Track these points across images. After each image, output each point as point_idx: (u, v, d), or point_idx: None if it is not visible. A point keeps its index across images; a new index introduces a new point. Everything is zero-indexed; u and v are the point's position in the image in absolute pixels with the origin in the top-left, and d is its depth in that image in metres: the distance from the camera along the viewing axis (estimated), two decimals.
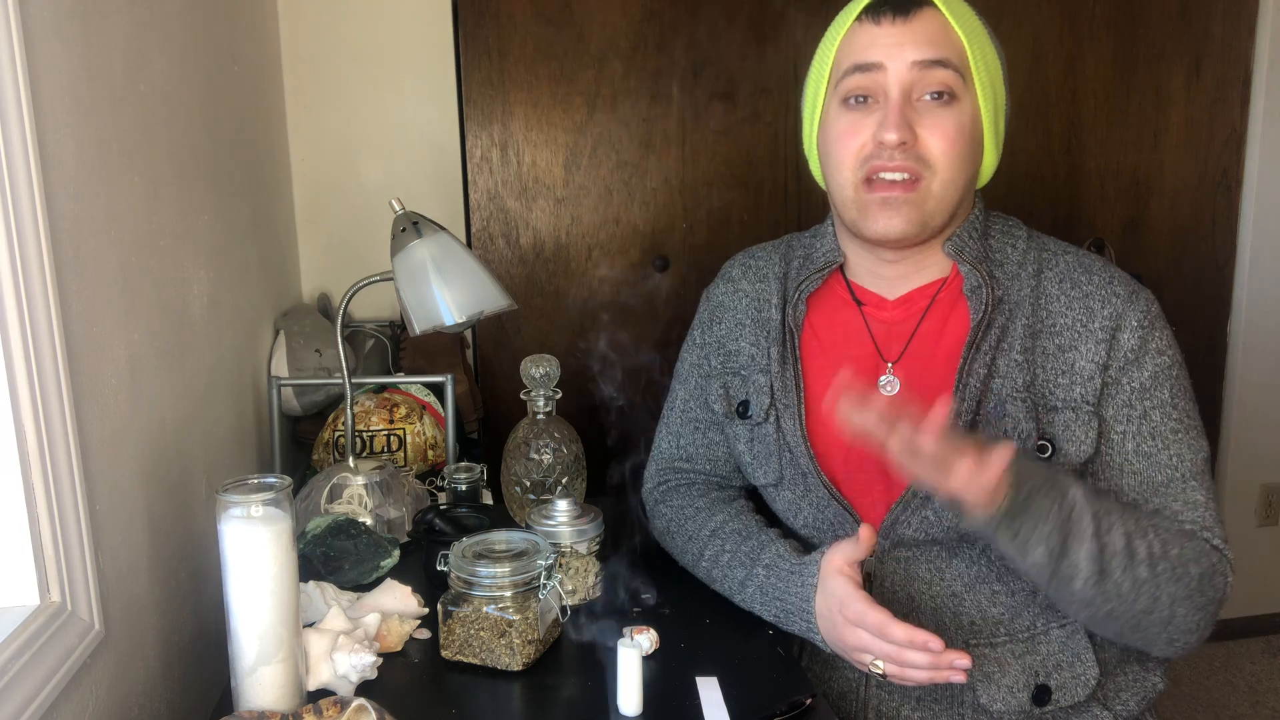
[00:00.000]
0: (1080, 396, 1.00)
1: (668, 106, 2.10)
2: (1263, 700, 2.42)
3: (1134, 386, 1.00)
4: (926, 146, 0.98)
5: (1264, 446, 2.60)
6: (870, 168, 0.99)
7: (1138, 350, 1.00)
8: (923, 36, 0.99)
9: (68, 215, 0.89)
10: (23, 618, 0.81)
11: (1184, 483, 0.99)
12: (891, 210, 0.99)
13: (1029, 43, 2.25)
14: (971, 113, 1.01)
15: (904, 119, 0.98)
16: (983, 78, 1.01)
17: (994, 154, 1.07)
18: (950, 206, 1.01)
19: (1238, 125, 2.39)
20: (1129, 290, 1.02)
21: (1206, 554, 0.96)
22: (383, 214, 1.38)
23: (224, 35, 1.56)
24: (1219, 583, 0.97)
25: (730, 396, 1.17)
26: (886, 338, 1.08)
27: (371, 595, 1.10)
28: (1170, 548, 0.94)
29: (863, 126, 1.00)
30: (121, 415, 1.00)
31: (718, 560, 1.12)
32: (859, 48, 1.01)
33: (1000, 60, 1.04)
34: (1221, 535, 0.99)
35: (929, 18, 0.99)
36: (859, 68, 1.00)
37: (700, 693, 0.94)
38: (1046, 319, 1.02)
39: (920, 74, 0.98)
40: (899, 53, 0.99)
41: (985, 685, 1.02)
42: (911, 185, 0.99)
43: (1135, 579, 0.92)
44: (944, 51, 0.99)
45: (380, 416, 1.65)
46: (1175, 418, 1.00)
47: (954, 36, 0.99)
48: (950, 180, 0.99)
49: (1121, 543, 0.91)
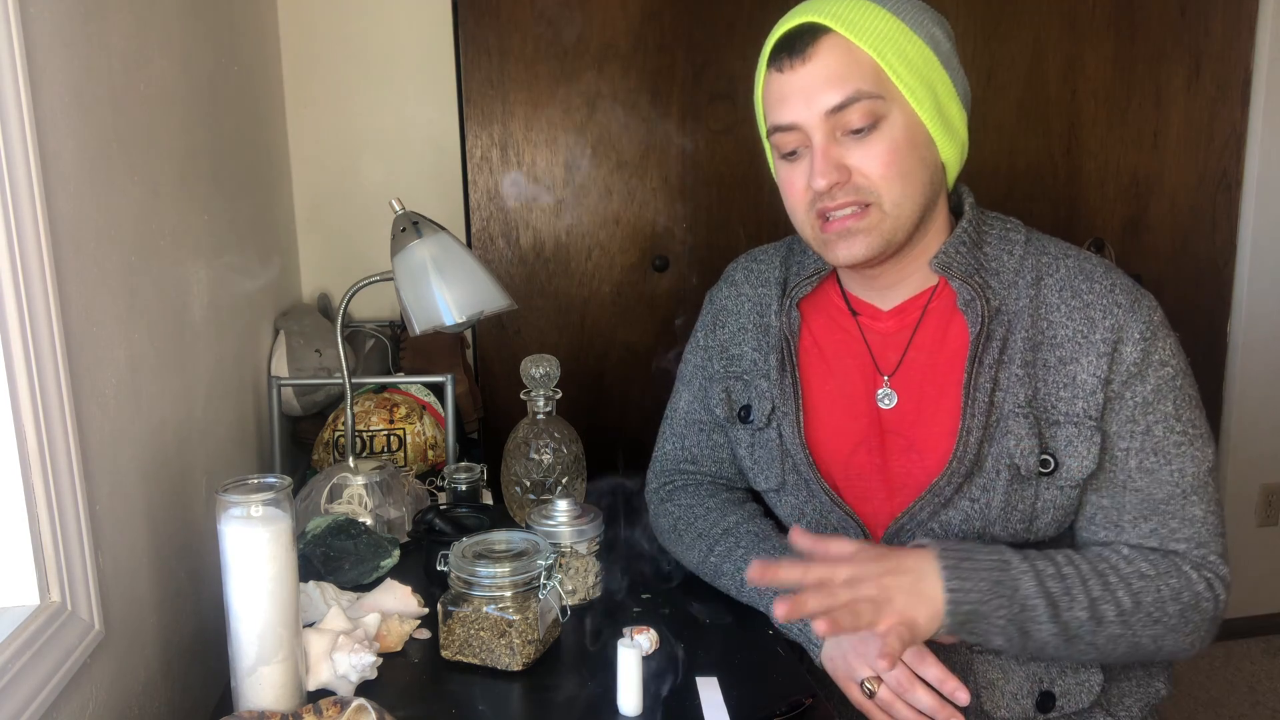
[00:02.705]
0: (1083, 411, 0.99)
1: (668, 106, 2.10)
2: (1263, 700, 2.42)
3: (1137, 401, 0.98)
4: (863, 175, 0.97)
5: (1264, 446, 2.60)
6: (818, 209, 0.99)
7: (1140, 363, 0.98)
8: (825, 76, 0.95)
9: (68, 215, 0.89)
10: (23, 618, 0.81)
11: (1184, 498, 0.99)
12: (849, 239, 0.99)
13: (1029, 43, 2.25)
14: (903, 124, 0.97)
15: (829, 164, 0.96)
16: (907, 80, 0.96)
17: (952, 144, 1.02)
18: (910, 218, 0.99)
19: (1238, 125, 2.39)
20: (1131, 299, 1.00)
21: (1190, 585, 0.96)
22: (383, 214, 1.37)
23: (224, 35, 1.56)
24: (1206, 607, 0.97)
25: (732, 401, 1.17)
26: (882, 349, 1.08)
27: (371, 595, 1.10)
28: (1144, 596, 0.95)
29: (799, 174, 1.00)
30: (121, 415, 1.00)
31: (730, 555, 1.12)
32: (774, 102, 1.00)
33: (930, 44, 0.98)
34: (1219, 549, 0.99)
35: (828, 50, 0.95)
36: (779, 128, 0.99)
37: (700, 693, 0.94)
38: (1047, 329, 1.01)
39: (835, 118, 0.96)
40: (807, 105, 0.96)
41: (989, 692, 1.02)
42: (861, 214, 0.98)
43: (1109, 636, 0.95)
44: (852, 85, 0.95)
45: (380, 416, 1.65)
46: (1179, 430, 0.99)
47: (861, 58, 0.95)
48: (900, 197, 0.98)
49: (1085, 614, 0.94)
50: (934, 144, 1.00)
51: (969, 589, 0.92)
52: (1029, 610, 0.92)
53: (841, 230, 0.99)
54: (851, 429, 1.07)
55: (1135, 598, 0.95)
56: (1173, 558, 0.98)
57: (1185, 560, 0.98)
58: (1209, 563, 0.98)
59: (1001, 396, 1.00)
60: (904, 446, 1.04)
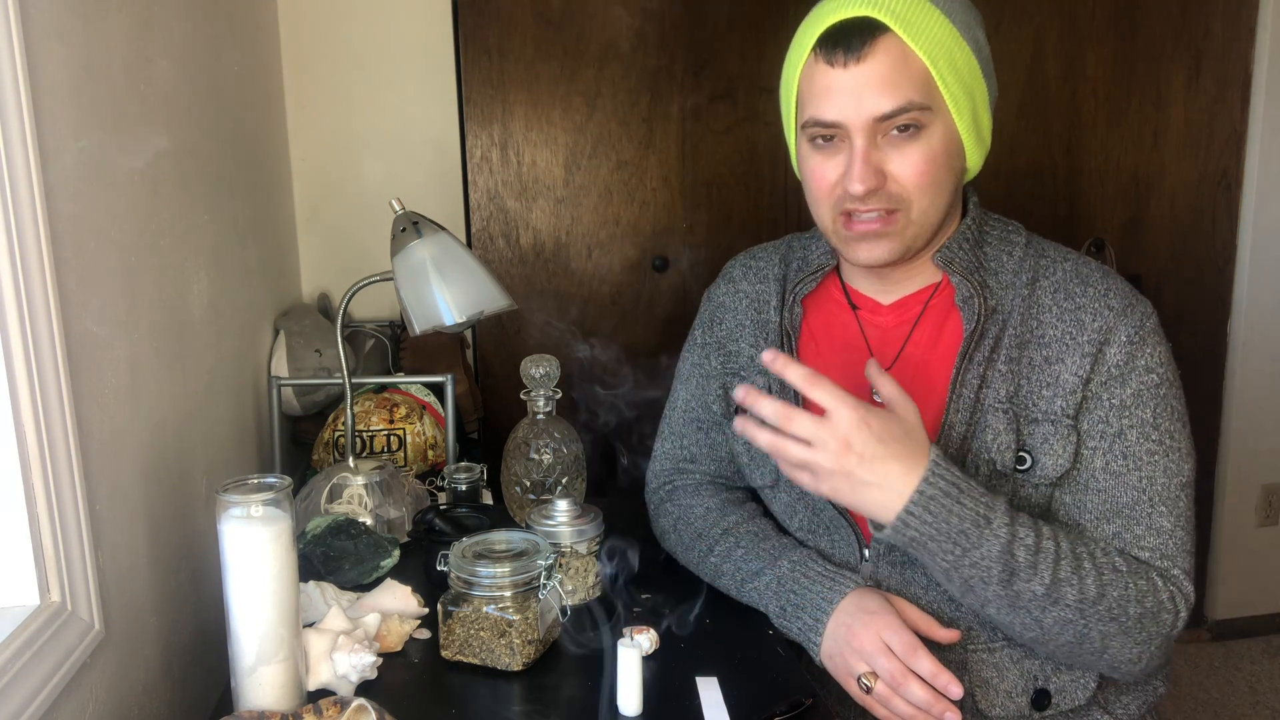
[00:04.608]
0: (1061, 409, 0.98)
1: (668, 106, 2.10)
2: (1263, 700, 2.42)
3: (1114, 403, 0.97)
4: (898, 183, 0.96)
5: (1264, 446, 2.60)
6: (845, 209, 0.99)
7: (1123, 366, 0.97)
8: (880, 81, 0.93)
9: (68, 215, 0.89)
10: (23, 618, 0.81)
11: (1150, 506, 0.97)
12: (872, 242, 0.99)
13: (1029, 43, 2.25)
14: (943, 133, 0.96)
15: (869, 170, 0.95)
16: (954, 91, 0.95)
17: (978, 150, 1.02)
18: (932, 226, 1.00)
19: (1238, 125, 2.39)
20: (1124, 303, 0.99)
21: (1155, 592, 0.95)
22: (383, 214, 1.37)
23: (224, 35, 1.56)
24: (1165, 619, 0.95)
25: (729, 397, 1.17)
26: (881, 343, 1.08)
27: (371, 595, 1.10)
28: (1110, 590, 0.93)
29: (831, 167, 0.98)
30: (121, 415, 1.00)
31: (730, 555, 1.12)
32: (816, 94, 0.96)
33: (974, 50, 0.97)
34: (1184, 565, 0.97)
35: (885, 51, 0.93)
36: (819, 123, 0.97)
37: (700, 693, 0.94)
38: (1036, 329, 1.00)
39: (881, 124, 0.95)
40: (856, 108, 0.93)
41: (984, 690, 1.02)
42: (889, 219, 0.97)
43: (1059, 619, 0.92)
44: (904, 94, 0.93)
45: (380, 416, 1.65)
46: (1154, 439, 0.97)
47: (915, 65, 0.93)
48: (928, 205, 0.98)
49: (1041, 590, 0.91)
50: (964, 153, 1.00)
51: (926, 522, 0.89)
52: (979, 568, 0.90)
53: (866, 233, 0.98)
54: None
55: (1101, 589, 0.92)
56: (1142, 565, 0.97)
57: (1151, 569, 0.97)
58: (1173, 576, 0.97)
59: (986, 392, 1.00)
60: None
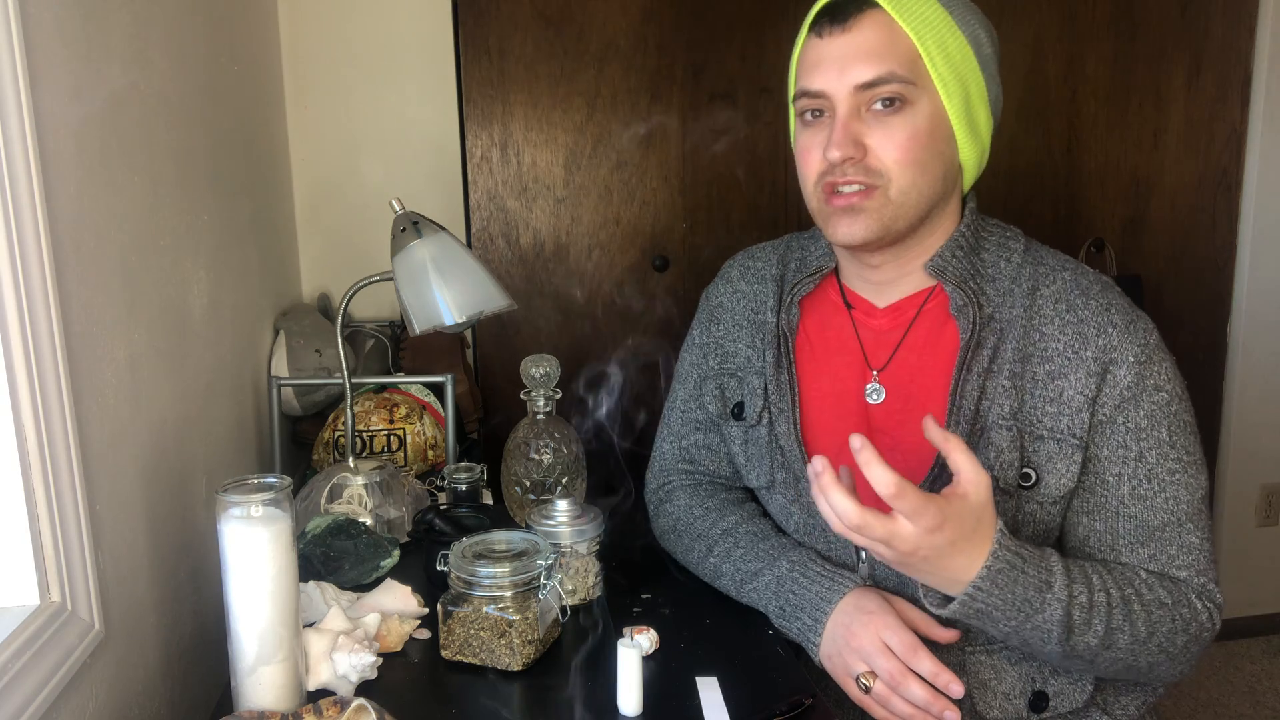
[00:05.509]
0: (1066, 428, 0.98)
1: (668, 106, 2.10)
2: (1263, 700, 2.42)
3: (1130, 426, 0.97)
4: (877, 157, 0.97)
5: (1264, 446, 2.60)
6: (827, 182, 0.99)
7: (1134, 387, 0.97)
8: (863, 49, 0.95)
9: (68, 215, 0.89)
10: (23, 618, 0.81)
11: (1179, 526, 0.98)
12: (850, 217, 0.99)
13: (1029, 43, 2.25)
14: (929, 113, 0.97)
15: (848, 136, 0.96)
16: (942, 72, 0.96)
17: (973, 146, 1.02)
18: (914, 209, 0.99)
19: (1238, 125, 2.39)
20: (1126, 320, 0.98)
21: (1196, 615, 0.96)
22: (383, 214, 1.37)
23: (224, 35, 1.56)
24: (1205, 637, 0.98)
25: (725, 398, 1.17)
26: (874, 345, 1.08)
27: (371, 595, 1.10)
28: (1159, 626, 0.94)
29: (817, 142, 0.99)
30: (121, 415, 1.00)
31: (729, 555, 1.12)
32: (807, 67, 1.00)
33: (972, 43, 0.99)
34: (1214, 575, 0.99)
35: (871, 23, 0.95)
36: (806, 94, 0.99)
37: (700, 693, 0.94)
38: (1039, 341, 0.99)
39: (863, 94, 0.96)
40: (839, 75, 0.96)
41: (981, 692, 1.02)
42: (867, 194, 0.98)
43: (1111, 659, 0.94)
44: (886, 64, 0.95)
45: (380, 416, 1.65)
46: (1173, 457, 0.97)
47: (900, 39, 0.95)
48: (908, 185, 0.97)
49: (1096, 642, 0.92)
50: (955, 142, 1.00)
51: (992, 594, 0.88)
52: (1039, 630, 0.91)
53: (846, 206, 0.98)
54: (842, 427, 1.07)
55: (1151, 628, 0.94)
56: (1180, 585, 0.97)
57: (1189, 588, 0.97)
58: (1208, 591, 0.98)
59: (987, 406, 0.99)
60: (889, 446, 1.04)
